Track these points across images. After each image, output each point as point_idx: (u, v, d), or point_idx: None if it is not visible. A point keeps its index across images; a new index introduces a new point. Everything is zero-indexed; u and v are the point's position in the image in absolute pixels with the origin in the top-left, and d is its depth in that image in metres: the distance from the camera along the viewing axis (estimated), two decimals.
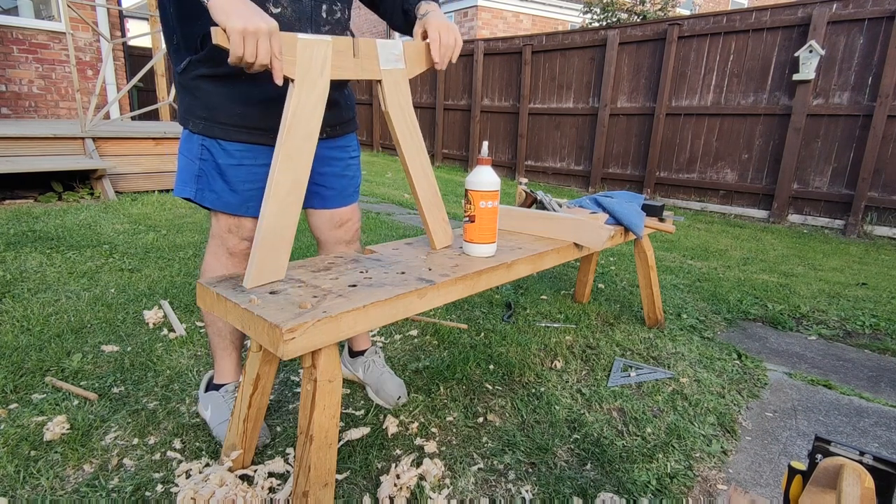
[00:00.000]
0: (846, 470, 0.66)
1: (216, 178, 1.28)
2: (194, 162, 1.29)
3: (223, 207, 1.31)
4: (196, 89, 1.24)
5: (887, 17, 4.50)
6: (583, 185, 6.96)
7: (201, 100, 1.24)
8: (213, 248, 1.37)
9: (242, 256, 1.37)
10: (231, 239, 1.34)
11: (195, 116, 1.26)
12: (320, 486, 1.03)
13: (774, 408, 1.76)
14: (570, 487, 1.32)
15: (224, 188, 1.29)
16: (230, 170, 1.28)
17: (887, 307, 2.79)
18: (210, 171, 1.28)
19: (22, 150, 4.24)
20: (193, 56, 1.21)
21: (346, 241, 1.56)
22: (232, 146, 1.27)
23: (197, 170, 1.29)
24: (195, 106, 1.26)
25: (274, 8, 1.19)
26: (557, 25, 13.61)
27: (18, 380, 1.65)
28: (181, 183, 1.32)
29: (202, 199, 1.30)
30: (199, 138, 1.27)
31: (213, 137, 1.26)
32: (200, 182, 1.29)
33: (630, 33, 6.15)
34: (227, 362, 1.47)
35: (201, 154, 1.28)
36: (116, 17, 6.80)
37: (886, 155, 4.64)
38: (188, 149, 1.30)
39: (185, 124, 1.30)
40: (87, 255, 2.89)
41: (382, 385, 1.63)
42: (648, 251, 2.23)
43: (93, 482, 1.25)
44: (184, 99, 1.28)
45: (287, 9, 1.21)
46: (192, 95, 1.25)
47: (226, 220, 1.33)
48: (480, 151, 2.10)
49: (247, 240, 1.36)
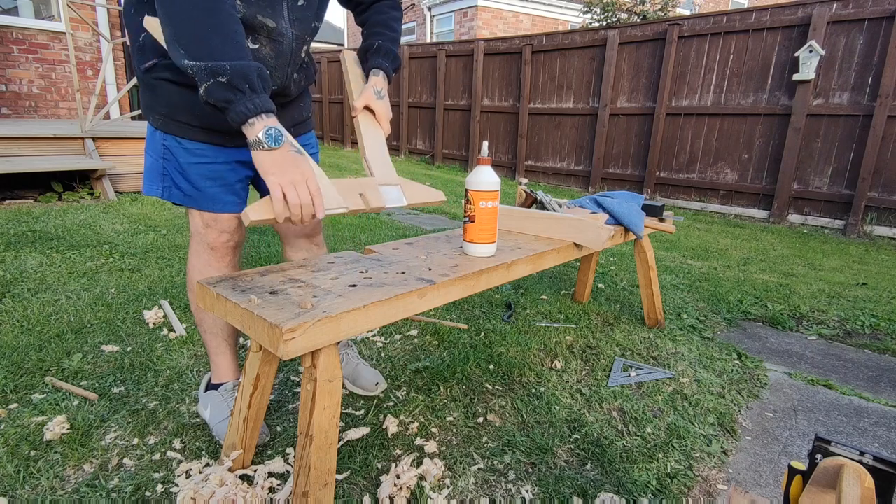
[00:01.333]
0: (846, 470, 0.66)
1: (179, 176, 1.30)
2: (158, 161, 1.31)
3: (191, 203, 1.32)
4: (158, 87, 1.25)
5: (887, 17, 4.50)
6: (583, 185, 6.96)
7: (162, 98, 1.25)
8: (194, 247, 1.38)
9: (224, 250, 1.38)
10: (210, 233, 1.35)
11: (155, 112, 1.28)
12: (320, 486, 1.03)
13: (774, 408, 1.76)
14: (570, 487, 1.32)
15: (188, 186, 1.30)
16: (191, 167, 1.29)
17: (887, 307, 2.79)
18: (173, 169, 1.29)
19: (22, 150, 4.24)
20: (161, 60, 1.21)
21: (307, 235, 1.59)
22: (192, 144, 1.28)
23: (161, 168, 1.30)
24: (156, 102, 1.27)
25: (252, 44, 1.19)
26: (557, 25, 13.61)
27: (18, 380, 1.65)
28: (148, 181, 1.34)
29: (169, 196, 1.32)
30: (161, 136, 1.28)
31: (171, 134, 1.27)
32: (166, 180, 1.31)
33: (630, 33, 6.16)
34: (224, 361, 1.48)
35: (164, 154, 1.29)
36: (116, 18, 6.80)
37: (886, 155, 4.64)
38: (152, 147, 1.32)
39: (147, 117, 1.31)
40: (87, 255, 2.89)
41: (359, 375, 1.69)
42: (648, 251, 2.23)
43: (93, 482, 1.25)
44: (146, 94, 1.29)
45: (265, 47, 1.21)
46: (154, 93, 1.26)
47: (202, 216, 1.34)
48: (480, 151, 2.10)
49: (226, 232, 1.36)
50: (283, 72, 1.29)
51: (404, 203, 1.34)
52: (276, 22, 1.21)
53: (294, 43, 1.27)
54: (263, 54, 1.22)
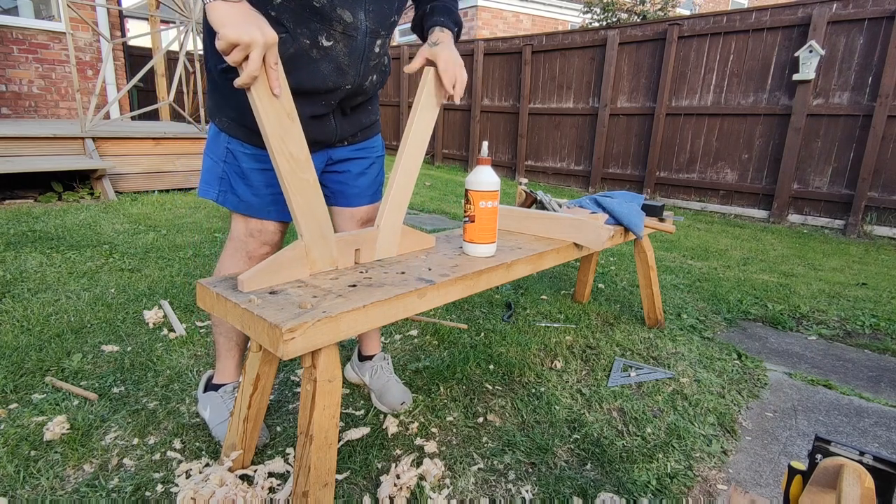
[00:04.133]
0: (846, 470, 0.66)
1: (238, 181, 1.28)
2: (218, 164, 1.29)
3: (245, 210, 1.30)
4: (229, 89, 1.23)
5: (887, 17, 4.50)
6: (583, 185, 6.96)
7: (233, 100, 1.23)
8: (230, 251, 1.36)
9: (261, 261, 1.36)
10: (252, 243, 1.34)
11: (224, 114, 1.26)
12: (320, 486, 1.03)
13: (774, 408, 1.76)
14: (570, 487, 1.32)
15: (246, 192, 1.28)
16: (253, 174, 1.27)
17: (887, 307, 2.79)
18: (233, 174, 1.28)
19: (22, 150, 4.24)
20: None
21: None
22: (256, 150, 1.26)
23: (221, 172, 1.29)
24: (226, 105, 1.25)
25: (326, 41, 1.15)
26: (557, 25, 13.60)
27: (18, 380, 1.65)
28: (205, 184, 1.32)
29: (224, 201, 1.30)
30: (226, 139, 1.27)
31: (237, 139, 1.25)
32: (223, 184, 1.29)
33: (630, 33, 6.16)
34: (230, 363, 1.47)
35: (225, 157, 1.28)
36: (116, 17, 6.80)
37: (886, 155, 4.64)
38: (214, 150, 1.30)
39: (213, 119, 1.29)
40: (87, 255, 2.89)
41: (387, 391, 1.61)
42: (648, 251, 2.23)
43: (93, 482, 1.25)
44: (215, 95, 1.27)
45: (339, 43, 1.17)
46: (224, 95, 1.24)
47: (248, 224, 1.32)
48: (480, 151, 2.10)
49: (267, 244, 1.35)
50: (356, 69, 1.22)
51: (393, 254, 1.35)
52: (354, 15, 1.15)
53: (368, 37, 1.20)
54: (337, 51, 1.17)
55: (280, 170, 1.06)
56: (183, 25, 5.35)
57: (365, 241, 1.27)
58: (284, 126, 1.05)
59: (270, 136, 1.03)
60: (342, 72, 1.20)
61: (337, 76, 1.20)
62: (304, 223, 1.12)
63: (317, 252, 1.17)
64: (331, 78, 1.19)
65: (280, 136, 1.05)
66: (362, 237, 1.27)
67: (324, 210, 1.15)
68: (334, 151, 1.38)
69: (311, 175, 1.11)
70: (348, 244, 1.24)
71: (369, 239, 1.28)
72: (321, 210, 1.15)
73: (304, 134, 1.09)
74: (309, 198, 1.12)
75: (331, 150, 1.38)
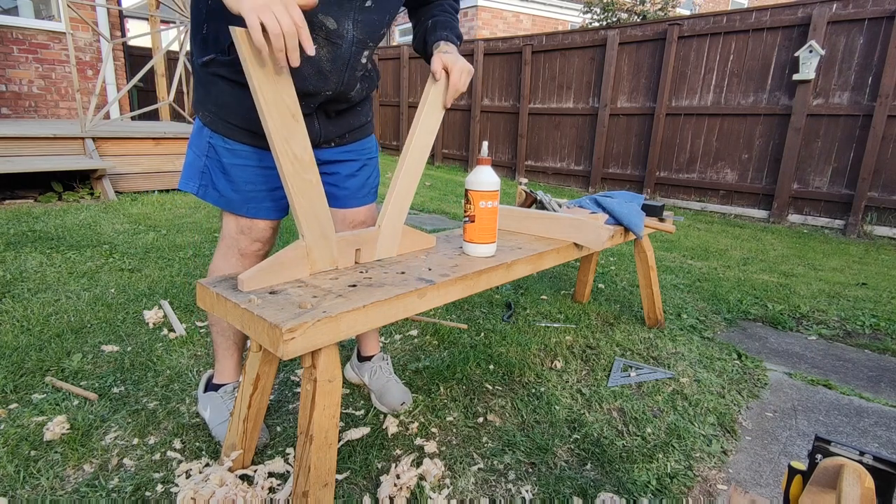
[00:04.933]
0: (846, 470, 0.66)
1: (220, 176, 1.28)
2: (200, 158, 1.29)
3: (225, 206, 1.31)
4: (212, 84, 1.24)
5: (887, 17, 4.50)
6: (583, 185, 6.96)
7: (214, 96, 1.24)
8: (223, 250, 1.36)
9: (254, 258, 1.36)
10: (243, 240, 1.34)
11: (206, 108, 1.27)
12: (320, 486, 1.03)
13: (774, 408, 1.76)
14: (570, 487, 1.32)
15: (227, 187, 1.29)
16: (234, 169, 1.28)
17: (887, 307, 2.79)
18: (214, 168, 1.28)
19: (22, 150, 4.24)
20: (219, 55, 1.20)
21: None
22: (237, 146, 1.26)
23: (202, 166, 1.29)
24: (208, 99, 1.26)
25: None
26: (557, 25, 13.60)
27: (18, 380, 1.65)
28: (186, 177, 1.33)
29: (205, 195, 1.31)
30: (208, 133, 1.27)
31: (218, 133, 1.26)
32: (204, 178, 1.30)
33: (630, 33, 6.16)
34: (229, 363, 1.47)
35: (207, 151, 1.28)
36: (116, 17, 6.81)
37: (886, 155, 4.64)
38: (197, 143, 1.30)
39: (197, 112, 1.30)
40: (87, 255, 2.89)
41: (387, 391, 1.60)
42: (648, 251, 2.23)
43: (93, 482, 1.25)
44: (199, 89, 1.28)
45: (322, 48, 1.16)
46: (206, 89, 1.25)
47: (238, 221, 1.32)
48: (480, 151, 2.10)
49: (258, 241, 1.35)
50: (338, 76, 1.22)
51: (394, 254, 1.36)
52: (339, 23, 1.15)
53: (354, 47, 1.20)
54: (319, 56, 1.16)
55: (283, 170, 1.06)
56: (183, 25, 5.36)
57: (365, 241, 1.27)
58: (289, 126, 1.05)
59: (274, 137, 1.03)
60: (324, 76, 1.20)
61: (318, 80, 1.20)
62: (306, 223, 1.12)
63: (318, 252, 1.17)
64: (311, 81, 1.19)
65: (284, 136, 1.05)
66: (363, 237, 1.27)
67: (325, 210, 1.15)
68: (321, 153, 1.37)
69: (314, 176, 1.12)
70: (349, 244, 1.24)
71: (370, 239, 1.28)
72: (323, 210, 1.15)
73: None
74: (312, 198, 1.12)
75: (316, 152, 1.38)
